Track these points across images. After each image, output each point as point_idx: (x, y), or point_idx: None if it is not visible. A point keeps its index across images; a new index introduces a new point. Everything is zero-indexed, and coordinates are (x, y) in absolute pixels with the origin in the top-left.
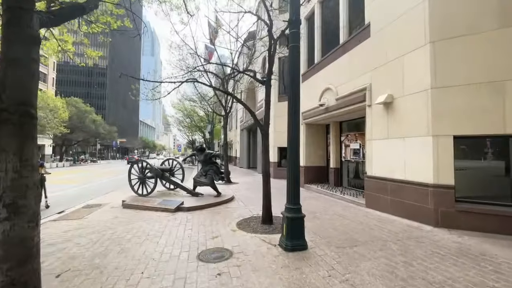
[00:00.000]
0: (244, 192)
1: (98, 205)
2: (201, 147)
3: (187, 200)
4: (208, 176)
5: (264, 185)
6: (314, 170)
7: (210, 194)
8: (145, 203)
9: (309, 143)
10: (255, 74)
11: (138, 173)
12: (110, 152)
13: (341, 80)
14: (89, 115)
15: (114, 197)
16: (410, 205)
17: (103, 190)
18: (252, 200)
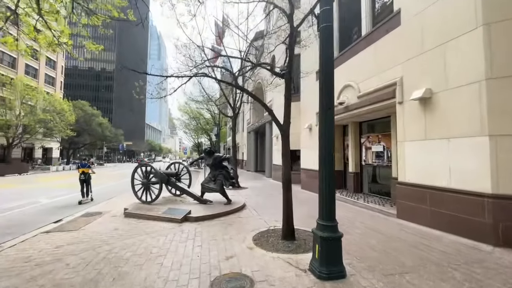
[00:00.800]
0: (256, 199)
1: (99, 213)
2: (209, 150)
3: (195, 209)
4: (218, 182)
5: (285, 193)
6: None
7: (220, 201)
8: (149, 211)
9: None
10: (272, 67)
11: (141, 178)
12: (117, 155)
13: (363, 75)
14: (95, 118)
15: (117, 203)
16: (459, 218)
17: (107, 195)
18: (265, 208)
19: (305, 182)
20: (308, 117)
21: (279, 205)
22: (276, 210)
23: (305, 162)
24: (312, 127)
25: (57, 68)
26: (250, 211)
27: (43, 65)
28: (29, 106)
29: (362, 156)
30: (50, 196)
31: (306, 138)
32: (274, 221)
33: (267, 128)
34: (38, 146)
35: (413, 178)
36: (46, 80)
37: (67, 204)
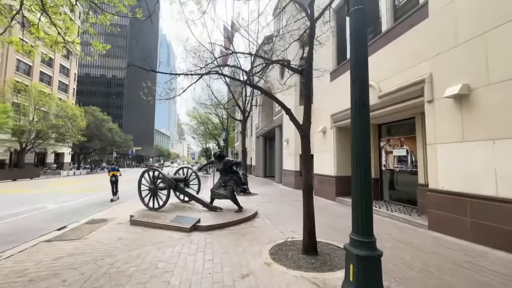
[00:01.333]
0: (268, 206)
1: (104, 221)
2: (220, 154)
3: (204, 216)
4: (228, 188)
5: (306, 202)
6: (346, 181)
7: (230, 209)
8: (156, 219)
9: (340, 149)
10: (289, 63)
11: (149, 183)
12: (126, 160)
13: (384, 74)
14: (106, 124)
15: (124, 209)
16: (508, 231)
17: (114, 201)
18: (279, 216)
19: (318, 188)
20: (321, 120)
21: (294, 213)
22: (292, 219)
23: (318, 167)
24: (326, 130)
25: (70, 75)
26: (263, 220)
27: (57, 73)
28: (42, 112)
29: (381, 161)
30: (58, 201)
31: (319, 142)
32: (291, 231)
33: (276, 132)
34: (51, 151)
35: (448, 185)
36: (59, 87)
37: (74, 209)
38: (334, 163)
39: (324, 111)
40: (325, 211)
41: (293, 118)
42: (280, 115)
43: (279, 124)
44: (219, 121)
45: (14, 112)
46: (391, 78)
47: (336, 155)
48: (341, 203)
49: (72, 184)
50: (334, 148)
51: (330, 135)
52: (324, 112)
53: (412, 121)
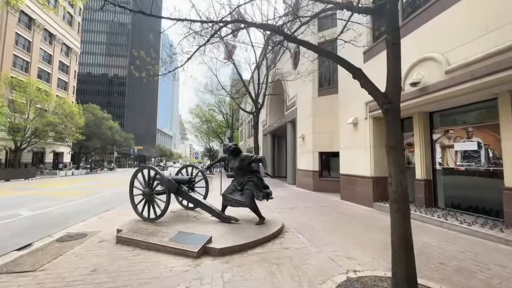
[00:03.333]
0: (292, 215)
1: (82, 236)
2: (234, 148)
3: (216, 231)
4: (246, 192)
5: (399, 220)
6: (385, 183)
7: (247, 219)
8: (151, 236)
9: (377, 144)
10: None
11: (143, 186)
12: (128, 160)
13: (455, 41)
14: (106, 122)
15: (114, 218)
16: None
17: (105, 205)
18: (315, 232)
19: (348, 192)
20: (350, 111)
21: (332, 226)
22: (333, 235)
23: (347, 167)
24: (358, 121)
25: (70, 72)
26: (295, 237)
27: (56, 70)
28: (39, 109)
29: (435, 158)
30: (37, 207)
31: (348, 137)
32: (346, 258)
33: (288, 128)
34: (49, 150)
35: None
36: (59, 85)
37: (52, 217)
38: (370, 161)
39: (355, 99)
40: (368, 223)
41: (367, 83)
42: (293, 109)
43: (291, 119)
44: (223, 119)
45: (8, 109)
46: (469, 44)
47: (373, 152)
48: (381, 210)
49: (65, 185)
50: (370, 142)
51: (364, 127)
52: (355, 100)
53: (492, 104)
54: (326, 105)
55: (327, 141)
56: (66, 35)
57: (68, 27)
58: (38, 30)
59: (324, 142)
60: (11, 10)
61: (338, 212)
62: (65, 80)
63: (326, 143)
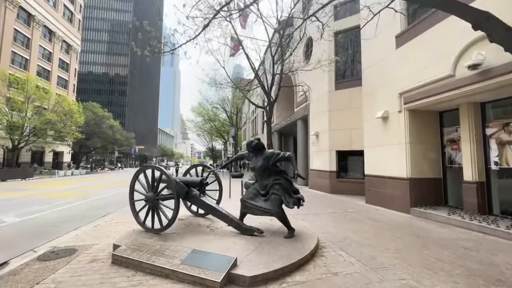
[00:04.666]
0: (321, 224)
1: (71, 252)
2: (257, 143)
3: (238, 248)
4: (273, 198)
5: None
6: (424, 185)
7: (270, 229)
8: (157, 257)
9: (415, 141)
10: None
11: (146, 190)
12: (129, 160)
13: None
14: (106, 121)
15: (111, 227)
16: None
17: (102, 209)
18: (358, 246)
19: (374, 195)
20: (379, 103)
21: (373, 238)
22: (383, 252)
23: (374, 166)
24: (389, 115)
25: (70, 70)
26: (338, 254)
27: (56, 67)
28: (37, 106)
29: (490, 157)
30: (26, 212)
31: (376, 132)
32: None
33: (298, 126)
34: (49, 150)
35: None
36: (59, 83)
37: (40, 225)
38: (407, 161)
39: (385, 90)
40: (417, 234)
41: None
42: (305, 105)
43: (302, 116)
44: (227, 116)
45: (6, 107)
46: None
47: (409, 150)
48: (422, 216)
49: (62, 186)
50: (406, 138)
51: (397, 121)
52: (386, 91)
53: None
54: (344, 99)
55: (345, 139)
56: (66, 32)
57: (68, 24)
58: (38, 26)
59: (342, 140)
60: (9, 5)
61: (370, 219)
62: (65, 78)
63: (344, 141)
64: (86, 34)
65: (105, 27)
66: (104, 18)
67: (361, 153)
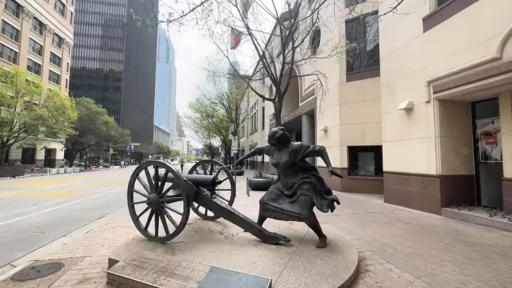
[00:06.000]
0: (345, 226)
1: (56, 268)
2: (282, 134)
3: (265, 262)
4: (302, 200)
5: None
6: (455, 183)
7: (294, 236)
8: (166, 277)
9: (446, 134)
10: None
11: (148, 191)
12: (125, 157)
13: None
14: (100, 117)
15: (104, 234)
16: None
17: (96, 211)
18: (405, 256)
19: (395, 193)
20: (402, 93)
21: (415, 245)
22: (441, 266)
23: (395, 163)
24: (414, 106)
25: (62, 65)
26: (386, 269)
27: (47, 61)
28: (27, 101)
29: None
30: (8, 215)
31: (398, 126)
32: None
33: (304, 121)
34: (40, 147)
35: None
36: (50, 77)
37: (22, 231)
38: (437, 156)
39: (409, 79)
40: (465, 241)
41: None
42: (312, 98)
43: (308, 110)
44: (226, 112)
45: None
46: None
47: (439, 144)
48: (456, 218)
49: (54, 185)
50: (436, 132)
51: (425, 113)
52: (411, 80)
53: None
54: (356, 92)
55: (357, 134)
56: (58, 25)
57: (60, 16)
58: (27, 18)
59: (354, 135)
60: None
61: (400, 221)
62: (57, 73)
63: (356, 136)
64: (79, 28)
65: (98, 21)
66: (98, 11)
67: (375, 149)
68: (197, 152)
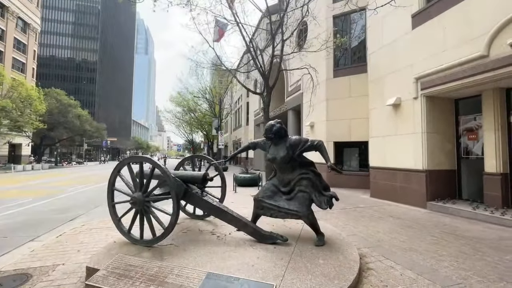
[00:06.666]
0: (338, 221)
1: (22, 279)
2: (280, 128)
3: (265, 265)
4: (300, 197)
5: None
6: (440, 177)
7: (288, 233)
8: (155, 287)
9: (433, 129)
10: None
11: (132, 189)
12: (100, 153)
13: None
14: (73, 109)
15: (80, 237)
16: None
17: (71, 211)
18: (403, 252)
19: (381, 188)
20: (390, 89)
21: (409, 240)
22: (440, 262)
23: (382, 158)
24: (402, 102)
25: (28, 52)
26: (387, 266)
27: (10, 47)
28: None
29: None
30: None
31: (386, 121)
32: None
33: (290, 117)
34: (3, 142)
35: None
36: (14, 65)
37: None
38: (423, 151)
39: (398, 75)
40: (455, 234)
41: None
42: (298, 94)
43: (294, 106)
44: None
45: None
46: None
47: (426, 139)
48: (441, 211)
49: (19, 183)
50: (423, 128)
51: (412, 109)
52: (399, 76)
53: None
54: (343, 88)
55: (344, 130)
56: (23, 8)
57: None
58: None
59: (340, 131)
60: None
61: (390, 216)
62: (22, 61)
63: (342, 132)
64: (47, 13)
65: (70, 6)
66: None
67: (361, 145)
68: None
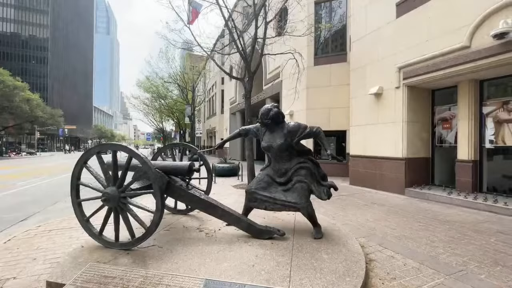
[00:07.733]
0: (326, 211)
1: None
2: (277, 112)
3: (266, 265)
4: (298, 187)
5: None
6: (417, 165)
7: (282, 226)
8: None
9: (412, 119)
10: None
11: (103, 184)
12: (56, 142)
13: None
14: (20, 93)
15: (35, 241)
16: None
17: (22, 209)
18: (398, 240)
19: (361, 176)
20: (372, 78)
21: (399, 227)
22: (434, 248)
23: (362, 146)
24: (383, 91)
25: None
26: (389, 257)
27: None
28: None
29: (484, 135)
30: None
31: (368, 110)
32: None
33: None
34: None
35: None
36: None
37: None
38: (403, 140)
39: (379, 64)
40: (437, 219)
41: None
42: (277, 82)
43: (272, 94)
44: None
45: None
46: None
47: (406, 128)
48: (419, 197)
49: None
50: (404, 117)
51: (393, 98)
52: (381, 66)
53: None
54: (324, 76)
55: (323, 118)
56: None
57: None
58: None
59: (320, 120)
60: None
61: (374, 203)
62: None
63: (322, 121)
64: None
65: None
66: None
67: (339, 133)
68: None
